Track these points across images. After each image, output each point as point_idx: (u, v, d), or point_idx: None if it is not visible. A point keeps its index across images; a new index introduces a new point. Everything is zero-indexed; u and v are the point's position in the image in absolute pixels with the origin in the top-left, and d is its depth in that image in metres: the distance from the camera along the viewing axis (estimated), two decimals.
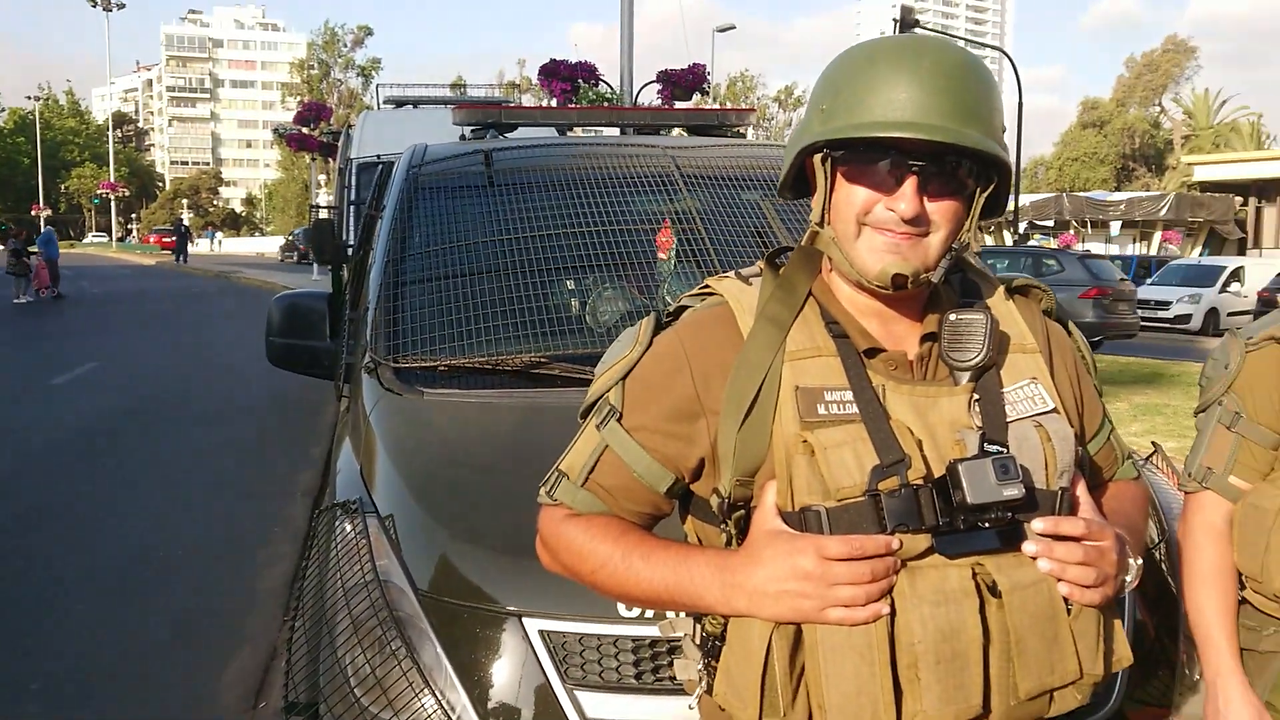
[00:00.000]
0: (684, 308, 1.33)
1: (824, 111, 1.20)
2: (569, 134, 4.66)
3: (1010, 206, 27.56)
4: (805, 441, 1.15)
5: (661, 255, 3.05)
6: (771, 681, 1.15)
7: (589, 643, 1.85)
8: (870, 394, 1.18)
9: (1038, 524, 1.14)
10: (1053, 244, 35.16)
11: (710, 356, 1.24)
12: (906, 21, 20.84)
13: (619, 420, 1.27)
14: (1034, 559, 1.14)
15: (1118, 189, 51.18)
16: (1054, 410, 1.24)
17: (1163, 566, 2.30)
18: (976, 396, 1.21)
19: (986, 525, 1.12)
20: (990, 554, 1.14)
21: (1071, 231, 35.98)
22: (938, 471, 1.14)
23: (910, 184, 1.15)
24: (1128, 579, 1.25)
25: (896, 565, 1.12)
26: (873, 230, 1.18)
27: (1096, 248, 33.22)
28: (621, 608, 1.82)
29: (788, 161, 1.26)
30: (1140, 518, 1.41)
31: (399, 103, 10.60)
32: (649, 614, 1.80)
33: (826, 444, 1.14)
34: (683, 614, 1.33)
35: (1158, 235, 35.51)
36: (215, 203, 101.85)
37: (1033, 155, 71.08)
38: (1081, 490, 1.23)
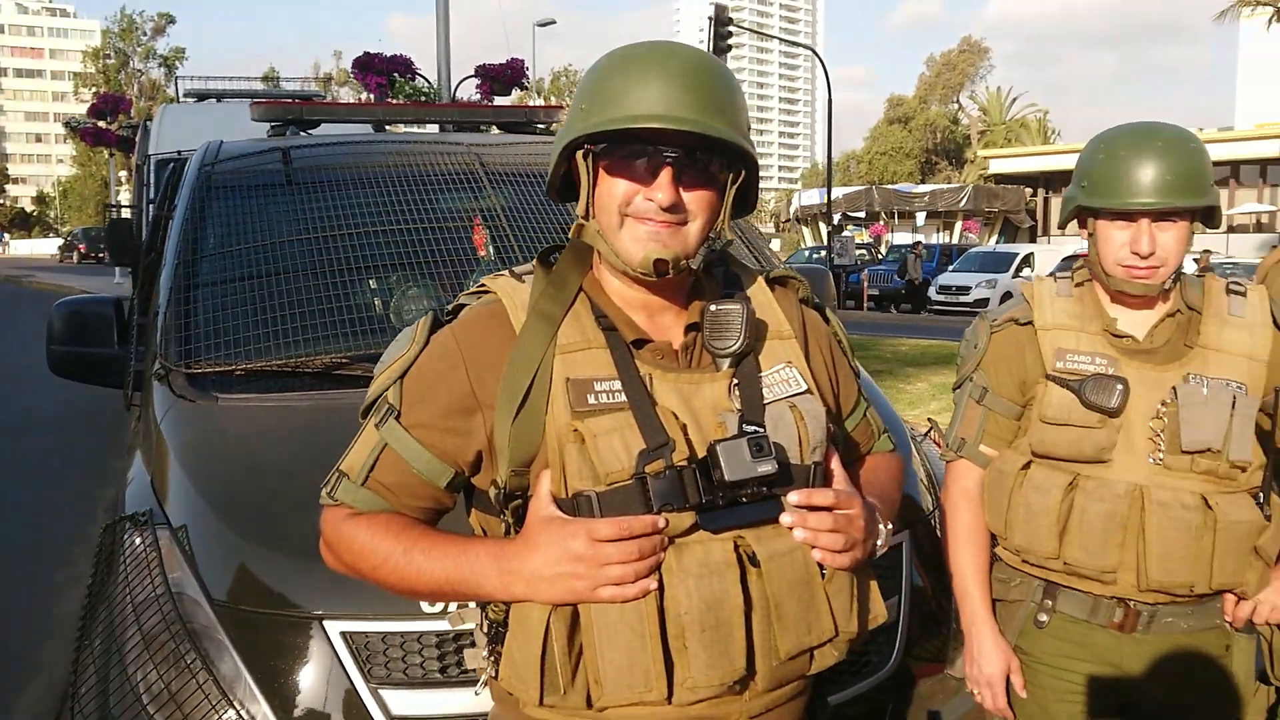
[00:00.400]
0: (462, 306, 1.37)
1: (583, 111, 1.26)
2: (386, 130, 4.59)
3: (824, 200, 28.72)
4: (576, 430, 1.21)
5: (482, 252, 3.06)
6: (551, 662, 1.21)
7: (392, 641, 1.86)
8: (638, 383, 1.25)
9: (792, 496, 1.23)
10: (865, 235, 36.93)
11: (484, 352, 1.28)
12: (721, 19, 21.39)
13: (397, 418, 1.30)
14: (790, 529, 1.23)
15: (923, 181, 54.23)
16: (807, 391, 1.34)
17: (938, 533, 2.49)
18: (736, 381, 1.29)
19: (745, 500, 1.21)
20: (751, 527, 1.23)
21: (881, 222, 37.87)
22: (701, 453, 1.22)
23: (666, 174, 1.22)
24: (878, 543, 1.36)
25: (664, 543, 1.19)
26: (634, 220, 1.25)
27: (904, 237, 35.09)
28: (424, 603, 1.83)
29: (554, 161, 1.31)
30: (894, 487, 1.54)
31: (201, 96, 10.09)
32: (452, 607, 1.83)
33: (596, 431, 1.21)
34: (471, 604, 1.37)
35: (959, 225, 37.81)
36: (1, 201, 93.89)
37: (844, 149, 74.50)
38: (835, 463, 1.34)
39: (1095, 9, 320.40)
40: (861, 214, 38.98)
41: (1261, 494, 1.83)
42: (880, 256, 30.74)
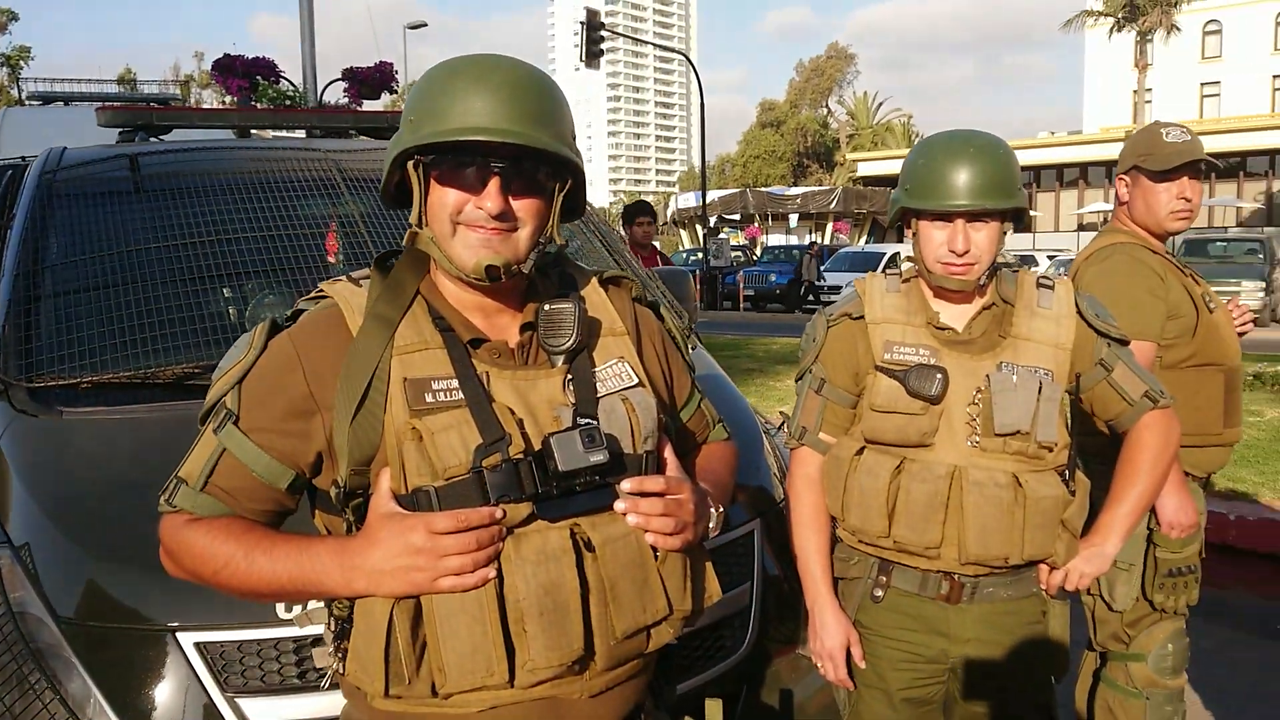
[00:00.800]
0: (300, 311, 1.39)
1: (412, 123, 1.30)
2: (251, 135, 4.51)
3: (700, 203, 29.16)
4: (414, 428, 1.25)
5: (331, 259, 3.05)
6: (395, 653, 1.24)
7: (248, 649, 1.86)
8: (474, 381, 1.30)
9: (625, 484, 1.30)
10: (740, 237, 37.63)
11: (322, 356, 1.31)
12: (593, 24, 21.53)
13: (235, 423, 1.31)
14: (623, 515, 1.30)
15: (795, 184, 55.62)
16: (639, 384, 1.40)
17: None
18: (570, 376, 1.35)
19: (580, 489, 1.27)
20: (586, 514, 1.29)
21: (756, 224, 38.68)
22: (537, 446, 1.27)
23: (494, 184, 1.28)
24: (710, 525, 1.44)
25: (502, 533, 1.24)
26: (466, 228, 1.30)
27: (778, 239, 35.94)
28: (280, 610, 1.84)
29: (386, 170, 1.35)
30: (727, 473, 1.62)
31: (47, 98, 9.61)
32: (302, 609, 1.83)
33: (434, 429, 1.25)
34: (318, 604, 1.39)
35: (830, 226, 38.90)
36: None
37: (720, 153, 75.90)
38: (668, 452, 1.41)
39: (954, 18, 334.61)
40: (736, 216, 39.69)
41: (1067, 471, 1.99)
42: (755, 258, 31.36)
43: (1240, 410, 2.76)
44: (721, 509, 1.49)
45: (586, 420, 1.29)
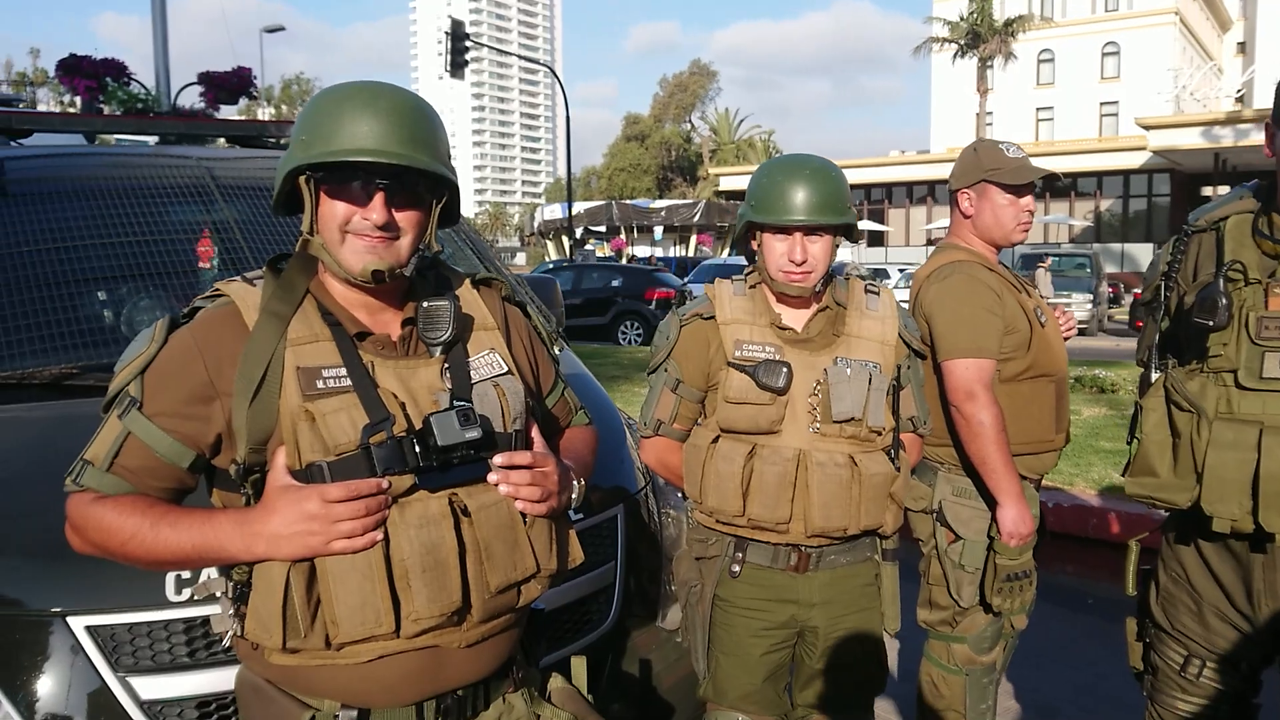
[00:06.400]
0: (198, 308, 1.53)
1: (304, 142, 1.46)
2: (98, 141, 4.47)
3: (564, 215, 29.33)
4: (307, 410, 1.41)
5: (204, 264, 3.12)
6: (292, 611, 1.40)
7: (139, 630, 1.94)
8: (361, 369, 1.47)
9: (497, 458, 1.49)
10: (606, 248, 37.95)
11: (220, 347, 1.46)
12: (457, 34, 21.52)
13: (140, 409, 1.44)
14: (495, 485, 1.49)
15: (660, 197, 56.48)
16: (509, 373, 1.60)
17: (645, 509, 2.82)
18: (447, 365, 1.54)
19: (457, 462, 1.45)
20: (463, 485, 1.47)
21: (621, 236, 39.13)
22: (419, 425, 1.45)
23: (379, 198, 1.45)
24: (573, 496, 1.65)
25: (388, 501, 1.41)
26: (354, 236, 1.46)
27: (644, 250, 36.42)
28: (170, 591, 1.94)
29: (278, 184, 1.50)
30: (588, 452, 1.83)
31: None
32: (196, 596, 1.94)
33: (325, 411, 1.42)
34: (214, 575, 1.52)
35: (694, 238, 39.66)
36: None
37: (588, 165, 76.38)
38: (535, 432, 1.61)
39: (811, 41, 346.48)
40: (602, 228, 40.02)
41: (893, 451, 2.28)
42: None
43: (1068, 415, 2.93)
44: (583, 482, 1.70)
45: (462, 402, 1.48)
